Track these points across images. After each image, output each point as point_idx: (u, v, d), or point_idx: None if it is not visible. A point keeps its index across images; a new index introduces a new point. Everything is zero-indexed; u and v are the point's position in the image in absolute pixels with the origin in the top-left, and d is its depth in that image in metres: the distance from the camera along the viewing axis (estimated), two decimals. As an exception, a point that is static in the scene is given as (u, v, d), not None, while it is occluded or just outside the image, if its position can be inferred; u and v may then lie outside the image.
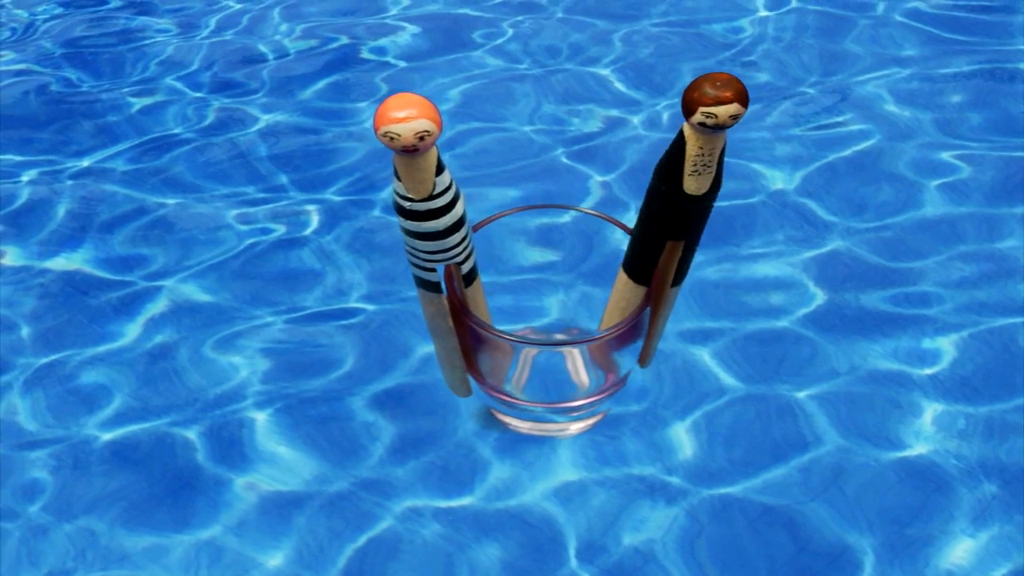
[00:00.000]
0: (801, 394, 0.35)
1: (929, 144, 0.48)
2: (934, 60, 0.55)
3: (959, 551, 0.30)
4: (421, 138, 0.19)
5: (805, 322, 0.38)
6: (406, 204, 0.22)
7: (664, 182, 0.23)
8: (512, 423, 0.34)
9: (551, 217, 0.31)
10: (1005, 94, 0.52)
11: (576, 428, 0.33)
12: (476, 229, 0.30)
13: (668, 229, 0.24)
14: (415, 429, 0.35)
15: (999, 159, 0.47)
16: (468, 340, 0.29)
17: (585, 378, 0.29)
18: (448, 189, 0.22)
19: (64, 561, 0.31)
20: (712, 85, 0.20)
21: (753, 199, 0.45)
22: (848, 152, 0.48)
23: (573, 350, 0.27)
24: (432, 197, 0.22)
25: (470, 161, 0.48)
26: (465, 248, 0.25)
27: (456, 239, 0.24)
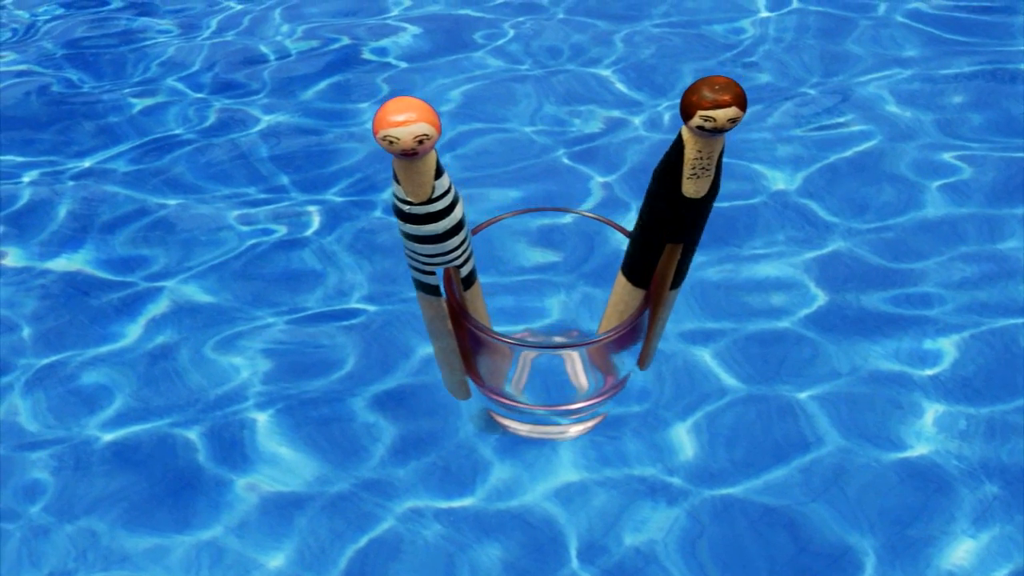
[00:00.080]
0: (802, 395, 0.35)
1: (930, 145, 0.48)
2: (935, 61, 0.55)
3: (960, 552, 0.30)
4: (420, 142, 0.19)
5: (806, 323, 0.38)
6: (405, 207, 0.22)
7: (663, 185, 0.23)
8: (511, 426, 0.34)
9: (552, 218, 0.31)
10: (1006, 95, 0.52)
11: (575, 431, 0.33)
12: (475, 232, 0.30)
13: (667, 232, 0.24)
14: (416, 430, 0.35)
15: (1000, 160, 0.47)
16: (467, 343, 0.29)
17: (584, 381, 0.29)
18: (447, 192, 0.22)
19: (65, 562, 0.31)
20: (710, 89, 0.20)
21: (754, 200, 0.45)
22: (849, 153, 0.48)
23: (572, 353, 0.27)
24: (431, 200, 0.22)
25: (471, 162, 0.48)
26: (464, 251, 0.25)
27: (455, 242, 0.24)
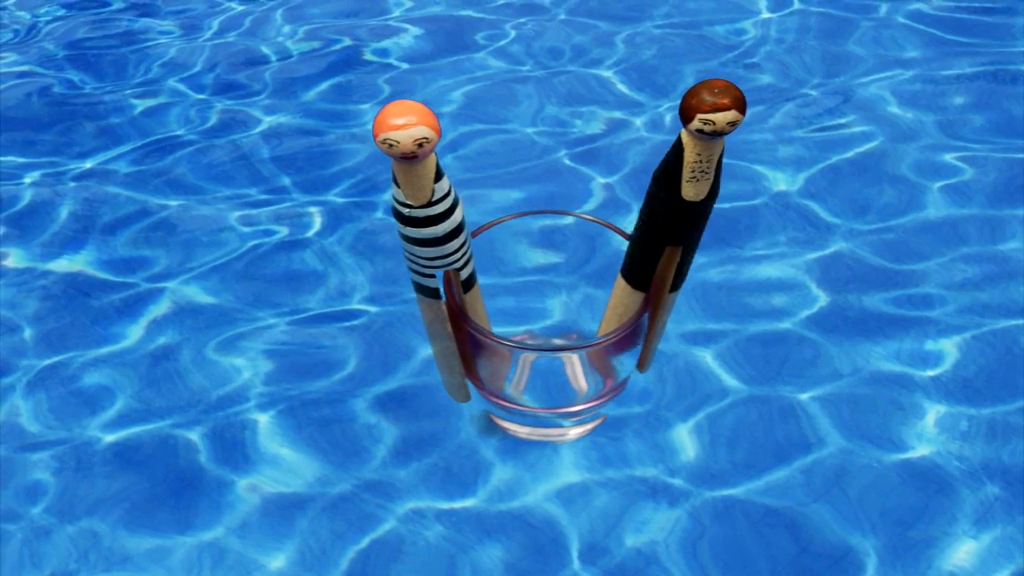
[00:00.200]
0: (803, 396, 0.35)
1: (931, 146, 0.48)
2: (936, 62, 0.55)
3: (961, 553, 0.30)
4: (420, 145, 0.19)
5: (808, 324, 0.38)
6: (405, 210, 0.22)
7: (662, 188, 0.23)
8: (511, 428, 0.34)
9: (553, 219, 0.31)
10: (1007, 96, 0.52)
11: (575, 433, 0.33)
12: (475, 235, 0.30)
13: (666, 235, 0.24)
14: (417, 431, 0.35)
15: (1002, 161, 0.47)
16: (467, 345, 0.29)
17: (584, 383, 0.29)
18: (447, 195, 0.22)
19: (66, 563, 0.31)
20: (710, 92, 0.20)
21: (756, 201, 0.45)
22: (851, 154, 0.48)
23: (572, 355, 0.27)
24: (431, 203, 0.22)
25: (473, 163, 0.48)
26: (464, 254, 0.25)
27: (455, 245, 0.24)
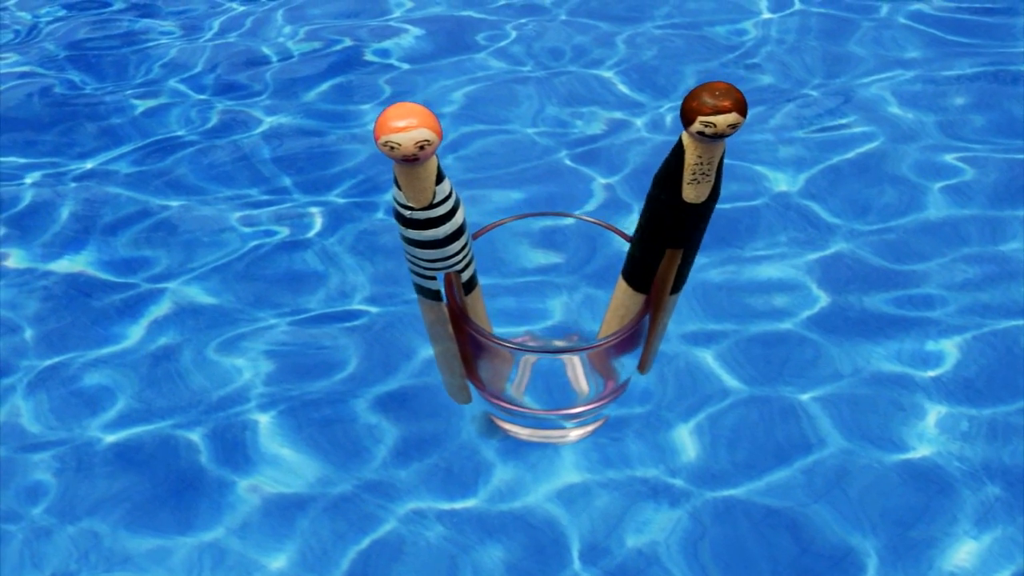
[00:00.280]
0: (804, 396, 0.35)
1: (932, 146, 0.48)
2: (937, 62, 0.55)
3: (962, 553, 0.30)
4: (421, 147, 0.19)
5: (808, 324, 0.38)
6: (406, 213, 0.22)
7: (663, 191, 0.23)
8: (512, 430, 0.34)
9: (554, 220, 0.31)
10: (1008, 96, 0.52)
11: (576, 435, 0.33)
12: (476, 237, 0.30)
13: (667, 237, 0.25)
14: (418, 431, 0.35)
15: (1002, 161, 0.47)
16: (468, 347, 0.29)
17: (585, 385, 0.29)
18: (448, 198, 0.22)
19: (67, 563, 0.31)
20: (711, 95, 0.20)
21: (756, 201, 0.45)
22: (851, 154, 0.48)
23: (573, 357, 0.27)
24: (432, 206, 0.22)
25: (473, 163, 0.48)
26: (465, 256, 0.25)
27: (456, 247, 0.24)
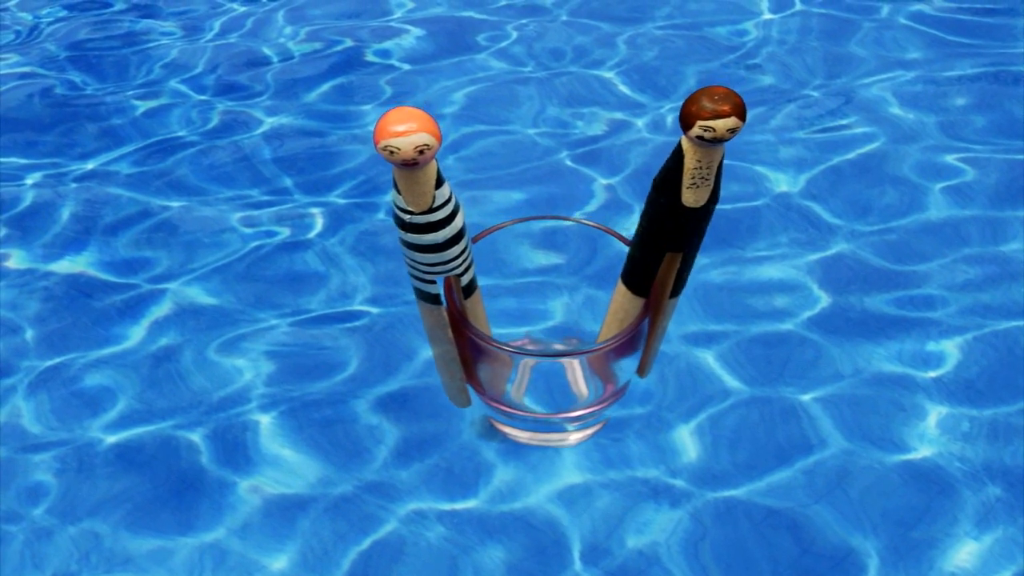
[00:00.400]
0: (805, 397, 0.35)
1: (933, 147, 0.48)
2: (938, 63, 0.55)
3: (963, 554, 0.30)
4: (421, 152, 0.19)
5: (809, 325, 0.38)
6: (406, 217, 0.22)
7: (663, 195, 0.23)
8: (512, 433, 0.34)
9: (555, 220, 0.31)
10: (1009, 97, 0.52)
11: (576, 438, 0.33)
12: (476, 241, 0.30)
13: (667, 241, 0.25)
14: (419, 432, 0.35)
15: (1003, 162, 0.47)
16: (467, 351, 0.29)
17: (584, 388, 0.29)
18: (448, 202, 0.22)
19: (68, 564, 0.31)
20: (710, 99, 0.20)
21: (757, 202, 0.45)
22: (852, 155, 0.48)
23: (572, 361, 0.27)
24: (432, 210, 0.22)
25: (474, 164, 0.48)
26: (465, 260, 0.25)
27: (456, 251, 0.24)
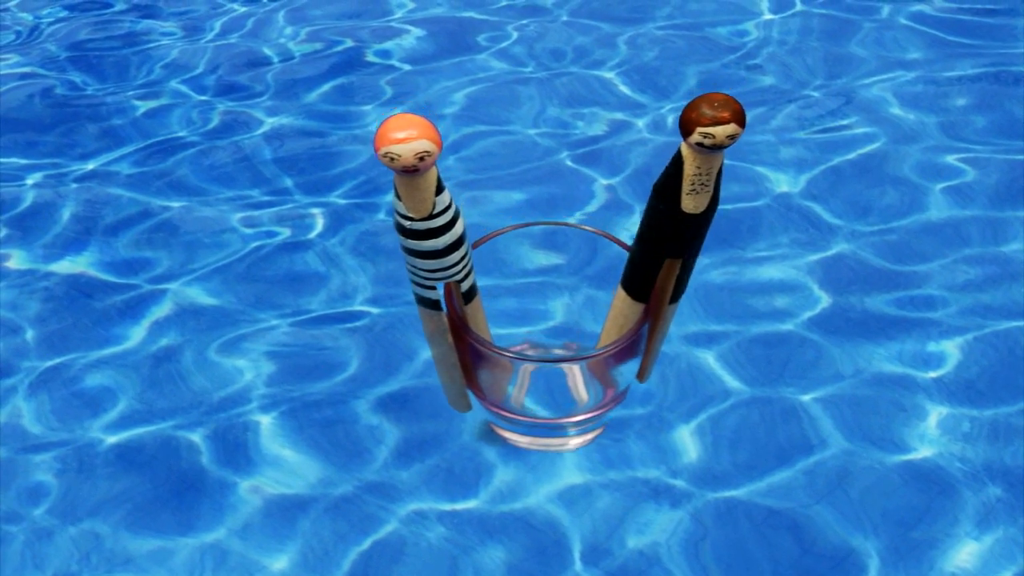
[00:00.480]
0: (806, 397, 0.35)
1: (934, 147, 0.48)
2: (939, 63, 0.55)
3: (963, 554, 0.30)
4: (421, 158, 0.19)
5: (810, 325, 0.38)
6: (406, 223, 0.22)
7: (662, 201, 0.23)
8: (512, 438, 0.34)
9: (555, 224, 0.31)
10: (1010, 97, 0.52)
11: (576, 443, 0.33)
12: (476, 246, 0.30)
13: (666, 247, 0.25)
14: (420, 432, 0.35)
15: (1004, 162, 0.47)
16: (468, 356, 0.29)
17: (584, 393, 0.29)
18: (448, 208, 0.22)
19: (68, 564, 0.31)
20: (710, 106, 0.20)
21: (758, 202, 0.45)
22: (853, 155, 0.48)
23: (572, 366, 0.27)
24: (432, 216, 0.22)
25: (475, 164, 0.48)
26: (465, 266, 0.25)
27: (456, 257, 0.24)
